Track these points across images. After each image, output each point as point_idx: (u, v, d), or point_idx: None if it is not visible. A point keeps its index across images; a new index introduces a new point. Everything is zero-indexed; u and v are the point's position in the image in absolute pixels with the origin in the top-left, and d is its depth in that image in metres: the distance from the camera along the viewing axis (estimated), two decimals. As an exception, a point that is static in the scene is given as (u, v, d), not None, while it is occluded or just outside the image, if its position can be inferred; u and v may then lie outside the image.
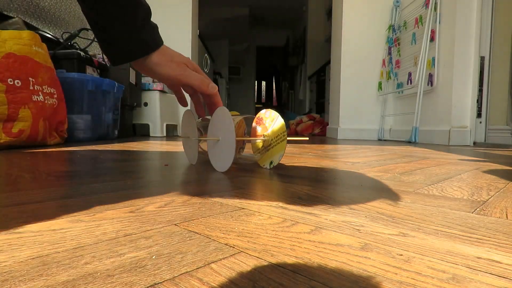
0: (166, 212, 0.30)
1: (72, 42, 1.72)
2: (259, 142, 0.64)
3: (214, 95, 0.57)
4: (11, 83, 1.08)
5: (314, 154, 1.00)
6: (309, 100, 5.66)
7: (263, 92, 9.77)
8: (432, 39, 2.14)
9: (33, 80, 1.15)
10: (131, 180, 0.48)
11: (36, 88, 1.16)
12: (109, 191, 0.39)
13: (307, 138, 0.68)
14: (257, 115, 0.64)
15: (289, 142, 0.63)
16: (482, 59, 2.08)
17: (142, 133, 2.40)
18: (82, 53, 1.62)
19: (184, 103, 0.63)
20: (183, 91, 0.61)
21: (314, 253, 0.21)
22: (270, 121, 0.62)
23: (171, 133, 2.68)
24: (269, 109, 0.62)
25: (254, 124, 0.65)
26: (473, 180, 0.53)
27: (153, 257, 0.20)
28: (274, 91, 9.55)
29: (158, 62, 0.52)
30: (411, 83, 2.38)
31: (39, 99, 1.17)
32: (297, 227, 0.27)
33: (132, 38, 0.49)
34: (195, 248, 0.22)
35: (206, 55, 3.99)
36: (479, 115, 2.15)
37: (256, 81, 8.38)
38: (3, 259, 0.19)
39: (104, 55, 0.56)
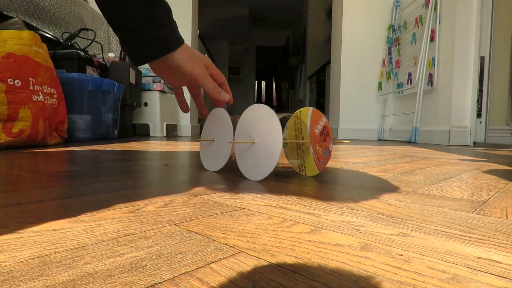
0: (166, 212, 0.30)
1: (72, 42, 1.72)
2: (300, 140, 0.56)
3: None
4: (11, 83, 1.07)
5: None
6: (309, 100, 5.66)
7: (263, 92, 9.77)
8: (432, 39, 2.14)
9: (33, 80, 1.15)
10: (131, 180, 0.48)
11: (36, 88, 1.16)
12: (109, 191, 0.39)
13: (348, 141, 0.66)
14: (326, 121, 0.53)
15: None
16: (482, 59, 2.08)
17: (142, 133, 2.40)
18: (82, 53, 1.62)
19: (185, 108, 0.62)
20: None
21: (314, 253, 0.21)
22: (322, 143, 0.53)
23: (171, 133, 2.68)
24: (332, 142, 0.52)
25: (321, 123, 0.53)
26: (473, 180, 0.53)
27: (153, 257, 0.20)
28: (274, 91, 9.55)
29: (183, 57, 0.52)
30: (411, 83, 2.38)
31: (39, 99, 1.17)
32: (297, 227, 0.27)
33: (164, 32, 0.50)
34: (195, 248, 0.22)
35: (206, 55, 3.99)
36: (479, 115, 2.15)
37: (256, 81, 8.38)
38: (3, 259, 0.19)
39: (127, 56, 0.58)
